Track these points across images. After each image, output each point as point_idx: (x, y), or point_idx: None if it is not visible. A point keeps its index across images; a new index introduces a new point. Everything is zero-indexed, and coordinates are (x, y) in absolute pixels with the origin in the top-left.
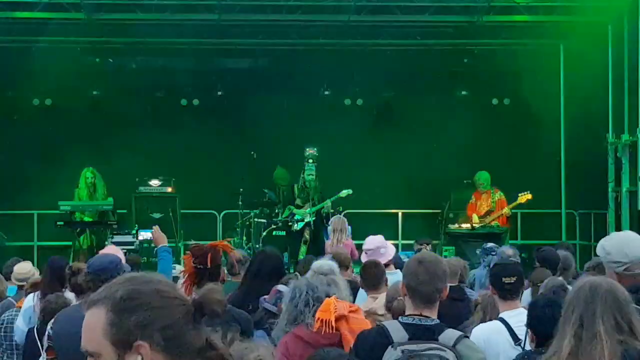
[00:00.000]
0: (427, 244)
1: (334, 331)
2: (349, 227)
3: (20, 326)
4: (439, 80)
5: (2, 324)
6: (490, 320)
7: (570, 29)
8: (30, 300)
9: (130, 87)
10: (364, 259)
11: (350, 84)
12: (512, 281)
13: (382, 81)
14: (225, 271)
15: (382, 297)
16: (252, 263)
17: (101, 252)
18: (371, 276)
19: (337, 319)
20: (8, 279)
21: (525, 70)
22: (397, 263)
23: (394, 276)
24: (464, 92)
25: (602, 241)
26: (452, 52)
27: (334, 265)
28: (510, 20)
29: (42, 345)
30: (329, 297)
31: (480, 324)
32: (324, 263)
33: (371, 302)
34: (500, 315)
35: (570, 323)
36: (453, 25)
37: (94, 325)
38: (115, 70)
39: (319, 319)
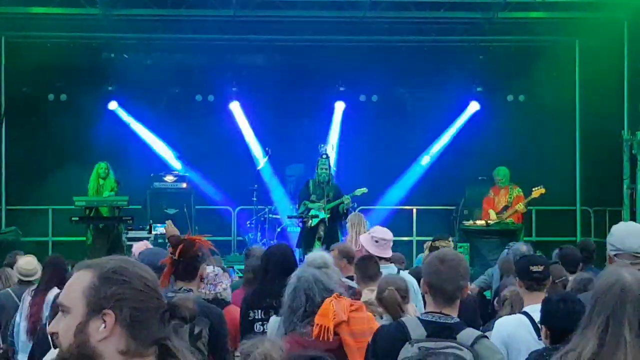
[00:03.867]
0: (436, 241)
1: (332, 339)
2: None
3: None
4: (454, 77)
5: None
6: None
7: (586, 26)
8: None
9: (145, 83)
10: (369, 245)
11: (365, 80)
12: (541, 269)
13: (397, 77)
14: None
15: None
16: (261, 261)
17: (135, 246)
18: (366, 269)
19: (337, 325)
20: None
21: (540, 66)
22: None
23: (387, 270)
24: (479, 89)
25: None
26: (468, 49)
27: (327, 257)
28: (526, 16)
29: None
30: (332, 291)
31: (505, 317)
32: (318, 255)
33: (368, 294)
34: (525, 309)
35: (596, 326)
36: (468, 22)
37: (78, 283)
38: (130, 66)
39: (317, 324)
